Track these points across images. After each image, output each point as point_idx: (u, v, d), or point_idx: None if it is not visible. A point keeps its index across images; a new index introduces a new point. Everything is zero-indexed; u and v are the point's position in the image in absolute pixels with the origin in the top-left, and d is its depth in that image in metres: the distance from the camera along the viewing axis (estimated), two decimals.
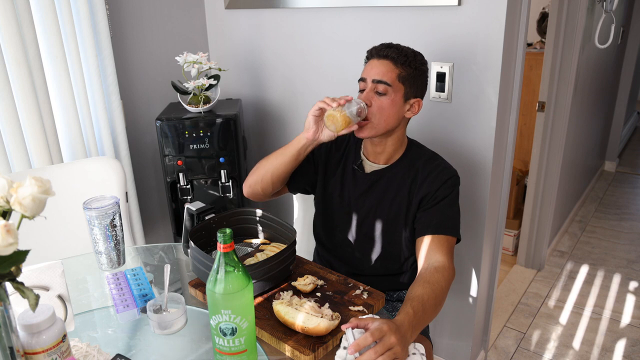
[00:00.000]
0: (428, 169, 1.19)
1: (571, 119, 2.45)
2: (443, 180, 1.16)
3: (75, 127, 1.66)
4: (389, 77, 1.12)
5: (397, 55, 1.13)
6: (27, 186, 0.64)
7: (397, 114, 1.15)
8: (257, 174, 1.26)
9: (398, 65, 1.13)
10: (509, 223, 2.68)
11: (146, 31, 1.93)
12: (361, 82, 1.17)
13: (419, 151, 1.24)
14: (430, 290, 0.99)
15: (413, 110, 1.18)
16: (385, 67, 1.13)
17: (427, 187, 1.17)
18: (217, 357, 0.82)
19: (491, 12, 1.37)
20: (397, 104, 1.14)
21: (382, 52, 1.14)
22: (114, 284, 1.10)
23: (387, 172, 1.22)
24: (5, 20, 1.38)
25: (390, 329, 0.81)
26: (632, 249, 2.82)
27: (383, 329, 0.81)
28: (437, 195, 1.15)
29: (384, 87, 1.12)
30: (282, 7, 1.85)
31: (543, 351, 2.01)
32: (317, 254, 1.42)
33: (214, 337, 0.80)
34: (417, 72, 1.15)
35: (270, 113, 2.09)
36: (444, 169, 1.19)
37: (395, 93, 1.13)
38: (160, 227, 2.16)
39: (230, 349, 0.80)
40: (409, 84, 1.14)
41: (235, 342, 0.79)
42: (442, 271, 1.05)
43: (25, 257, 0.62)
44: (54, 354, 0.74)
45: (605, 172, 4.11)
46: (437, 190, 1.16)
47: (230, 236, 0.76)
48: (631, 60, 3.79)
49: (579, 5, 2.13)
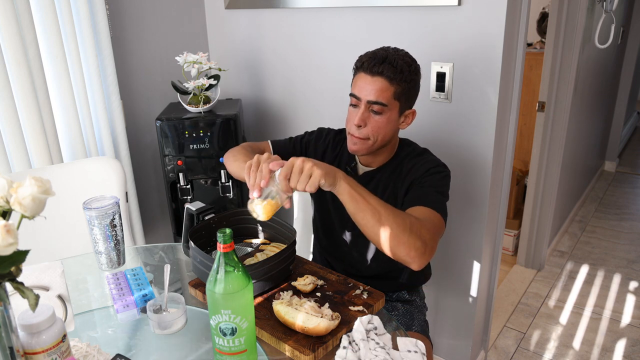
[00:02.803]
0: (412, 162, 1.17)
1: (571, 119, 2.45)
2: (426, 168, 1.14)
3: (75, 127, 1.66)
4: (384, 97, 1.08)
5: (392, 73, 1.06)
6: (27, 186, 0.64)
7: (393, 129, 1.14)
8: (235, 167, 1.20)
9: (394, 83, 1.07)
10: (509, 223, 2.68)
11: (146, 31, 1.93)
12: (353, 97, 1.12)
13: (408, 149, 1.23)
14: (401, 212, 0.97)
15: (407, 121, 1.17)
16: (380, 85, 1.07)
17: (410, 177, 1.15)
18: (217, 357, 0.82)
19: (491, 12, 1.37)
20: (392, 120, 1.12)
21: (375, 69, 1.07)
22: (114, 284, 1.10)
23: (377, 173, 1.22)
24: (5, 20, 1.38)
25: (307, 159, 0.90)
26: (632, 249, 2.82)
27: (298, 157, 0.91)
28: (421, 181, 1.12)
29: (379, 107, 1.08)
30: (282, 7, 1.85)
31: (543, 351, 2.01)
32: (317, 253, 1.42)
33: (213, 337, 0.80)
34: (411, 84, 1.11)
35: (270, 113, 2.09)
36: (429, 160, 1.17)
37: (391, 111, 1.10)
38: (160, 227, 2.16)
39: (230, 349, 0.79)
40: (404, 98, 1.11)
41: (235, 342, 0.79)
42: (418, 220, 0.98)
43: (25, 257, 0.62)
44: (54, 354, 0.74)
45: (605, 172, 4.11)
46: (422, 176, 1.13)
47: (230, 236, 0.76)
48: (631, 60, 3.79)
49: (579, 5, 2.13)
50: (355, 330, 0.88)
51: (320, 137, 1.32)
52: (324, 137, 1.32)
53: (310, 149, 1.32)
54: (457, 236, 1.64)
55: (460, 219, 1.62)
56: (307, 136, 1.34)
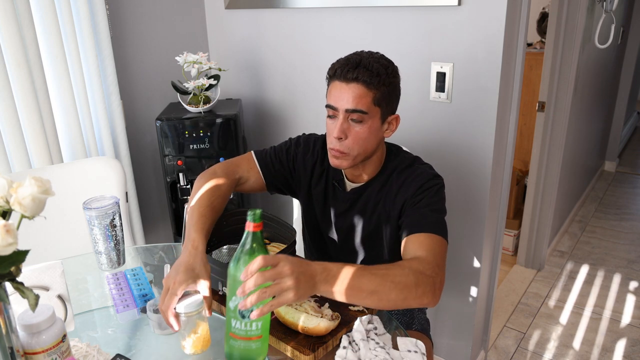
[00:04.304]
0: (402, 178, 1.09)
1: (571, 119, 2.45)
2: (418, 184, 1.06)
3: (75, 127, 1.66)
4: (363, 104, 1.00)
5: (369, 78, 0.98)
6: (27, 186, 0.64)
7: (376, 139, 1.06)
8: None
9: (371, 87, 0.99)
10: (509, 223, 2.68)
11: (146, 31, 1.93)
12: (329, 108, 1.04)
13: (396, 160, 1.14)
14: (397, 268, 0.87)
15: (391, 128, 1.09)
16: (357, 91, 0.99)
17: (402, 195, 1.08)
18: (231, 342, 0.81)
19: (491, 12, 1.37)
20: (375, 129, 1.04)
21: (350, 75, 0.99)
22: (114, 284, 1.10)
23: (365, 189, 1.15)
24: (5, 20, 1.38)
25: (289, 260, 0.76)
26: (632, 249, 2.82)
27: (280, 257, 0.76)
28: (414, 200, 1.05)
29: (358, 115, 1.00)
30: (282, 7, 1.85)
31: (543, 351, 2.01)
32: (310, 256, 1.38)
33: (229, 320, 0.79)
34: (391, 87, 1.03)
35: (270, 113, 2.09)
36: (419, 174, 1.08)
37: (372, 119, 1.02)
38: (160, 227, 2.16)
39: (247, 333, 0.79)
40: (385, 103, 1.03)
41: (252, 326, 0.79)
42: (418, 260, 0.92)
43: (25, 257, 0.62)
44: (54, 354, 0.74)
45: (605, 172, 4.11)
46: (414, 195, 1.06)
47: (260, 216, 0.76)
48: (631, 60, 3.79)
49: (579, 5, 2.13)
50: (355, 330, 0.88)
51: (308, 148, 1.22)
52: (311, 149, 1.21)
53: (298, 164, 1.22)
54: (457, 236, 1.64)
55: (460, 219, 1.62)
56: (293, 147, 1.23)
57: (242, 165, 1.21)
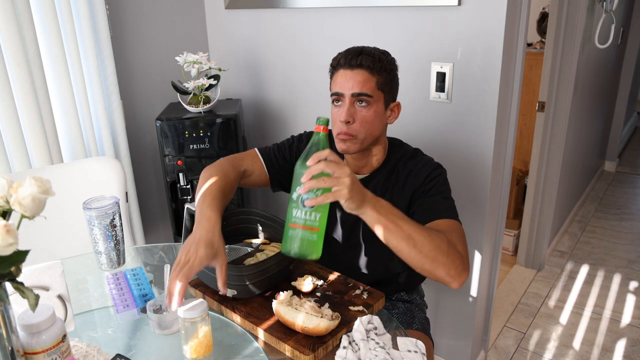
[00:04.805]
0: (408, 168, 1.14)
1: (571, 119, 2.45)
2: (426, 173, 1.11)
3: (75, 127, 1.66)
4: (368, 88, 1.05)
5: (372, 63, 1.05)
6: (27, 186, 0.64)
7: (381, 124, 1.11)
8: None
9: (374, 72, 1.05)
10: (509, 223, 2.68)
11: (146, 31, 1.93)
12: (335, 96, 1.09)
13: (399, 152, 1.19)
14: (436, 232, 0.92)
15: (394, 115, 1.14)
16: (362, 76, 1.05)
17: (410, 184, 1.12)
18: (290, 233, 0.85)
19: (491, 12, 1.37)
20: (380, 113, 1.09)
21: (354, 61, 1.05)
22: (114, 284, 1.10)
23: (369, 181, 1.17)
24: (5, 20, 1.38)
25: (350, 171, 0.83)
26: (632, 249, 2.82)
27: (340, 162, 0.84)
28: (424, 189, 1.10)
29: (365, 98, 1.06)
30: (282, 7, 1.85)
31: (543, 351, 2.01)
32: None
33: (291, 211, 0.85)
34: (391, 75, 1.10)
35: (270, 113, 2.09)
36: (425, 164, 1.14)
37: (377, 103, 1.07)
38: (160, 227, 2.16)
39: (305, 222, 0.84)
40: (387, 89, 1.09)
41: (311, 216, 0.83)
42: (450, 235, 0.97)
43: (25, 257, 0.62)
44: (54, 354, 0.74)
45: (605, 172, 4.11)
46: (423, 184, 1.10)
47: (327, 121, 0.87)
48: (631, 60, 3.79)
49: (579, 5, 2.13)
50: (355, 330, 0.88)
51: None
52: None
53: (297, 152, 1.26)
54: None
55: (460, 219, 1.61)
56: (295, 143, 1.27)
57: (246, 159, 1.24)
